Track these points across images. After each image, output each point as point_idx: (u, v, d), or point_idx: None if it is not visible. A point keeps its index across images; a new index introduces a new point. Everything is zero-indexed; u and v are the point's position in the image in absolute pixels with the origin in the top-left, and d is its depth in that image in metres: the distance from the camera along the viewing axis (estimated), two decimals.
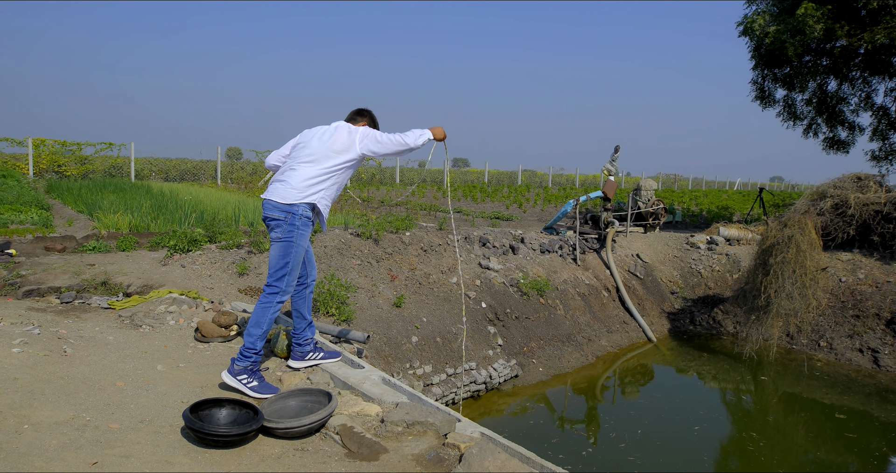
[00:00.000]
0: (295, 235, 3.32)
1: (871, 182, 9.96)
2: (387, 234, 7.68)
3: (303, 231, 3.36)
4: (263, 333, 3.28)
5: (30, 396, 2.92)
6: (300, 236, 3.34)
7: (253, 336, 3.27)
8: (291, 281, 3.37)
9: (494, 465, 2.51)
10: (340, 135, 3.45)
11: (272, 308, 3.31)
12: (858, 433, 6.05)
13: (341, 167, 3.45)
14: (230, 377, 3.23)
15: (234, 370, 3.23)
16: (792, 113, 15.13)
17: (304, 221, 3.35)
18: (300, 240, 3.35)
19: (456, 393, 6.22)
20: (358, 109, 3.73)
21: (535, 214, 16.04)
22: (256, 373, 3.27)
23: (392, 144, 3.44)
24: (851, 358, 8.06)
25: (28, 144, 17.07)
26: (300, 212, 3.32)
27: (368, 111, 3.75)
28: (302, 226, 3.34)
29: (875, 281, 8.81)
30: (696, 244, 11.09)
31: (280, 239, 3.32)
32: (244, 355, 3.25)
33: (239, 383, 3.21)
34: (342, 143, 3.42)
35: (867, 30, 11.19)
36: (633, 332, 8.93)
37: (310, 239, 3.68)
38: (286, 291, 3.35)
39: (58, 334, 3.91)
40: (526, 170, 35.79)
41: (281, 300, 3.34)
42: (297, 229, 3.32)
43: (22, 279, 5.49)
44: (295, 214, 3.31)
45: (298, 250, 3.35)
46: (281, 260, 3.32)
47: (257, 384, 3.23)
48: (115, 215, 8.51)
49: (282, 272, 3.32)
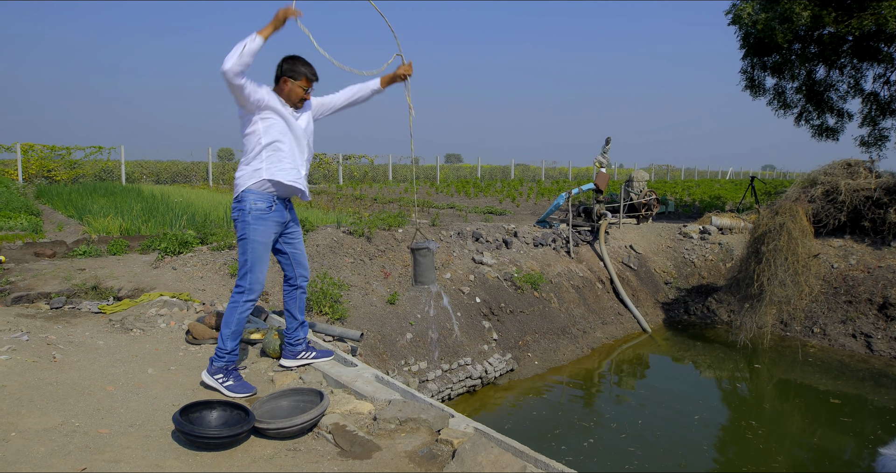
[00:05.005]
0: (247, 230, 3.18)
1: (862, 168, 9.99)
2: (379, 232, 7.66)
3: (255, 226, 3.19)
4: (233, 332, 3.25)
5: (17, 403, 2.90)
6: (253, 231, 3.18)
7: (223, 336, 3.25)
8: (255, 278, 3.25)
9: (488, 460, 2.50)
10: None
11: (239, 307, 3.24)
12: (853, 417, 6.08)
13: (247, 125, 3.17)
14: (208, 376, 3.26)
15: (211, 369, 3.26)
16: (782, 101, 15.16)
17: (256, 215, 3.18)
18: (254, 236, 3.19)
19: (451, 389, 6.22)
20: None
21: (528, 208, 16.04)
22: (232, 372, 3.26)
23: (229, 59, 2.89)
24: (845, 344, 8.10)
25: (16, 150, 16.96)
26: (248, 206, 3.18)
27: (288, 67, 3.25)
28: (253, 220, 3.18)
29: (867, 267, 8.85)
30: (688, 234, 11.11)
31: (238, 237, 3.26)
32: (217, 355, 3.25)
33: (216, 382, 3.22)
34: None
35: (854, 16, 11.21)
36: (628, 323, 8.95)
37: (301, 239, 3.60)
38: (252, 289, 3.25)
39: (47, 340, 3.88)
40: (519, 164, 35.82)
41: (249, 298, 3.25)
42: (249, 224, 3.18)
43: (11, 285, 5.44)
44: (244, 210, 3.19)
45: (255, 246, 3.20)
46: (240, 258, 3.25)
47: (233, 383, 3.22)
48: (105, 219, 8.46)
49: (242, 270, 3.24)
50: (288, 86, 3.24)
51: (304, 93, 3.29)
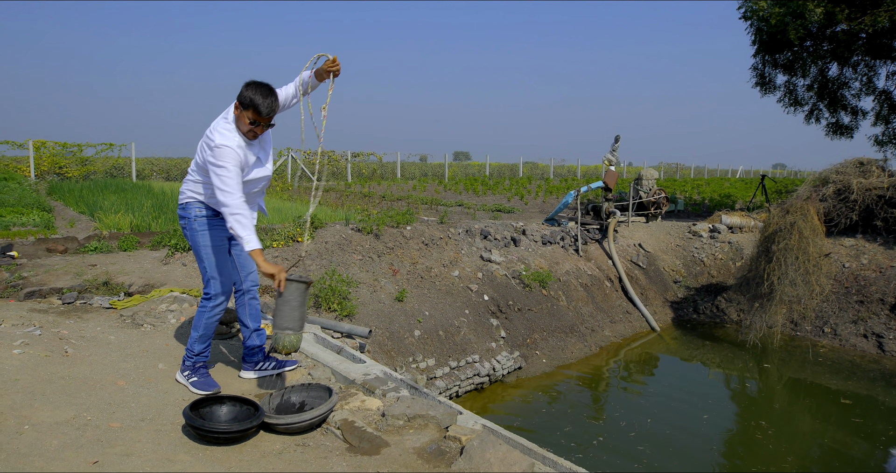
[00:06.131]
0: (196, 238, 3.19)
1: (874, 166, 9.89)
2: (388, 229, 7.67)
3: (202, 232, 3.18)
4: (201, 336, 3.28)
5: (31, 397, 2.93)
6: (202, 237, 3.18)
7: (192, 339, 3.30)
8: (219, 284, 3.23)
9: (496, 457, 2.50)
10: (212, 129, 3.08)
11: (207, 312, 3.26)
12: (864, 418, 6.03)
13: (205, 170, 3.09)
14: (179, 374, 3.36)
15: (182, 368, 3.36)
16: (793, 99, 15.04)
17: (201, 222, 3.18)
18: (204, 241, 3.19)
19: (459, 386, 6.22)
20: None
21: (536, 206, 16.00)
22: (198, 370, 3.33)
23: (217, 190, 2.95)
24: (856, 344, 8.03)
25: (29, 147, 17.10)
26: (193, 214, 3.19)
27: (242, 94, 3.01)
28: (199, 227, 3.18)
29: (879, 266, 8.76)
30: (698, 232, 11.05)
31: (191, 246, 3.27)
32: (187, 356, 3.33)
33: (184, 379, 3.32)
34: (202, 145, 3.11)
35: (868, 13, 11.09)
36: (637, 322, 8.91)
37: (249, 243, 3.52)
38: (218, 294, 3.23)
39: (59, 334, 3.92)
40: (527, 162, 35.71)
41: (216, 304, 3.25)
42: (196, 232, 3.18)
43: (24, 281, 5.50)
44: (189, 218, 3.20)
45: (208, 252, 3.20)
46: (199, 266, 3.26)
47: (197, 379, 3.28)
48: (116, 215, 8.52)
49: (205, 277, 3.25)
50: (237, 112, 3.04)
51: (249, 126, 3.03)
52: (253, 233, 2.96)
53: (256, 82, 3.03)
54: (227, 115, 3.09)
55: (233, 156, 2.97)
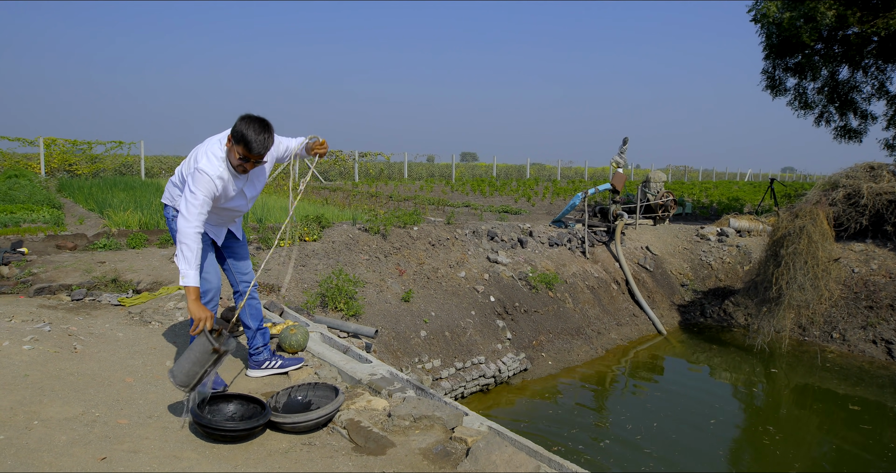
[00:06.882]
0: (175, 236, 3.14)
1: (885, 171, 9.81)
2: (395, 229, 7.68)
3: None
4: None
5: (40, 392, 2.95)
6: None
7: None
8: (206, 283, 3.15)
9: (501, 459, 2.50)
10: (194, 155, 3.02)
11: None
12: (873, 424, 5.98)
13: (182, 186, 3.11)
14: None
15: None
16: (803, 101, 14.94)
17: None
18: None
19: (465, 387, 6.21)
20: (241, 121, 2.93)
21: (543, 208, 15.97)
22: None
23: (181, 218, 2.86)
24: (865, 350, 7.96)
25: (39, 144, 17.22)
26: (170, 215, 3.22)
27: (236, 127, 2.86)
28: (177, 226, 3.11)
29: (889, 272, 8.69)
30: (706, 236, 10.99)
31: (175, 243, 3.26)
32: None
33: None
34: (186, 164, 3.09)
35: (880, 16, 11.00)
36: (643, 325, 8.88)
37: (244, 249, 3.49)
38: (205, 292, 3.15)
39: (68, 331, 3.94)
40: (534, 164, 35.65)
41: (206, 300, 3.17)
42: (175, 231, 3.15)
43: (34, 277, 5.54)
44: (168, 217, 3.24)
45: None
46: None
47: None
48: (125, 213, 8.56)
49: None
50: (229, 145, 2.91)
51: (239, 161, 2.90)
52: (192, 269, 2.80)
53: (252, 116, 2.86)
54: (223, 139, 2.97)
55: (207, 186, 2.84)
